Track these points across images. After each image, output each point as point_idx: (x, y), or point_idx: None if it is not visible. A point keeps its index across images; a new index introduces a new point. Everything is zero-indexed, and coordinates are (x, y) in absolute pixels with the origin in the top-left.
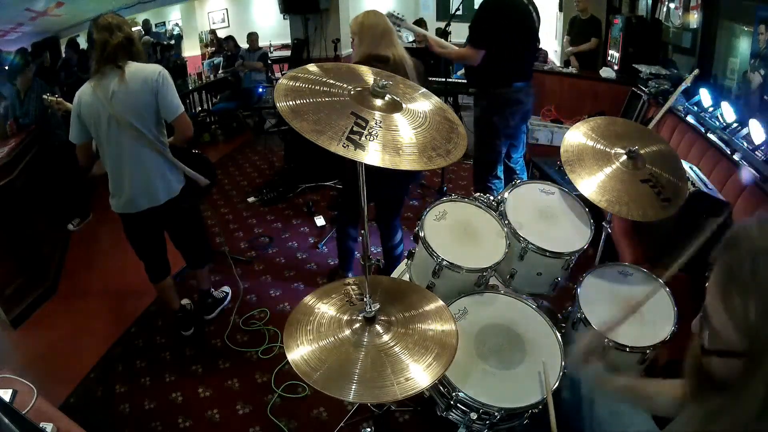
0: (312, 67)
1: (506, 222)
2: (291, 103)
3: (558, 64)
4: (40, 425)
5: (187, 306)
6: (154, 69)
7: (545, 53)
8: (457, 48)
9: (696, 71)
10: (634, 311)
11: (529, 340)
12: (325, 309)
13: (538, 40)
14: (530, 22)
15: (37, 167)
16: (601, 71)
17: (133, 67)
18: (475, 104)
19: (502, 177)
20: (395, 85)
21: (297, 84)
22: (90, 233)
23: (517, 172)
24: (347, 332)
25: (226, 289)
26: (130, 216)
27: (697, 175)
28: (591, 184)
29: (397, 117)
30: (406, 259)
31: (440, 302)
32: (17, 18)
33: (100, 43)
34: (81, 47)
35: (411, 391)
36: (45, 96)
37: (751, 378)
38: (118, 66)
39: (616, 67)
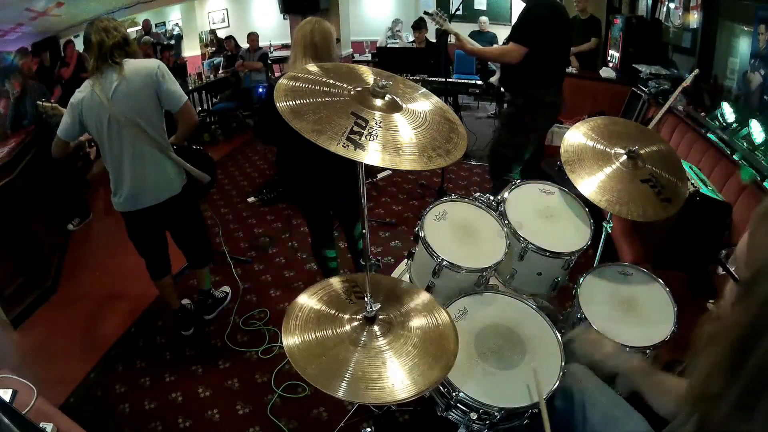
0: (312, 67)
1: (506, 222)
2: (291, 103)
3: None
4: (40, 425)
5: (187, 306)
6: (153, 63)
7: None
8: (495, 47)
9: (696, 71)
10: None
11: (529, 340)
12: (324, 306)
13: (570, 45)
14: (569, 28)
15: (37, 167)
16: (601, 71)
17: (132, 64)
18: (509, 103)
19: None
20: (395, 85)
21: (297, 84)
22: (90, 233)
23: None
24: (347, 330)
25: (226, 289)
26: (131, 214)
27: (697, 175)
28: (591, 184)
29: (397, 117)
30: (406, 259)
31: (440, 302)
32: (17, 18)
33: (97, 43)
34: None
35: (411, 391)
36: (39, 102)
37: (741, 301)
38: (116, 63)
39: (614, 66)
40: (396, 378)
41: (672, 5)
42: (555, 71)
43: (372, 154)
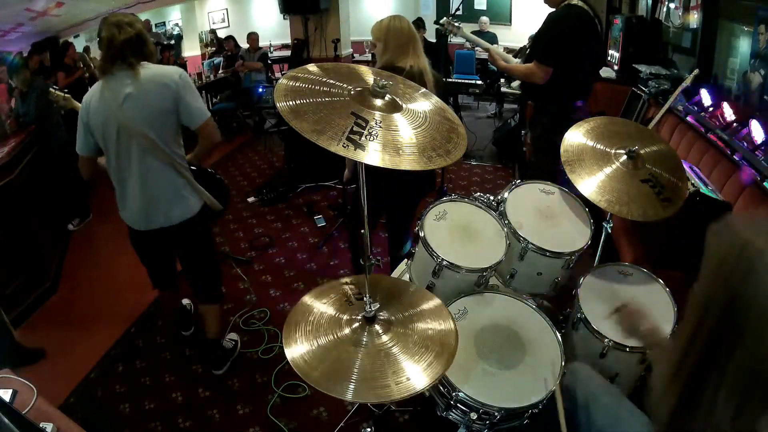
0: (312, 67)
1: (506, 222)
2: (291, 103)
3: None
4: (40, 425)
5: (187, 306)
6: (174, 71)
7: None
8: (522, 64)
9: (696, 71)
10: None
11: (529, 340)
12: (325, 308)
13: (602, 51)
14: (600, 38)
15: (37, 167)
16: (601, 71)
17: (151, 69)
18: (535, 121)
19: None
20: (395, 85)
21: (297, 84)
22: (90, 233)
23: None
24: (347, 332)
25: (234, 336)
26: (139, 231)
27: (697, 175)
28: (591, 184)
29: (397, 117)
30: (406, 259)
31: (440, 302)
32: (17, 18)
33: (107, 39)
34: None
35: (411, 391)
36: (52, 89)
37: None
38: (128, 64)
39: (616, 67)
40: (398, 376)
41: (672, 5)
42: (584, 84)
43: (372, 154)
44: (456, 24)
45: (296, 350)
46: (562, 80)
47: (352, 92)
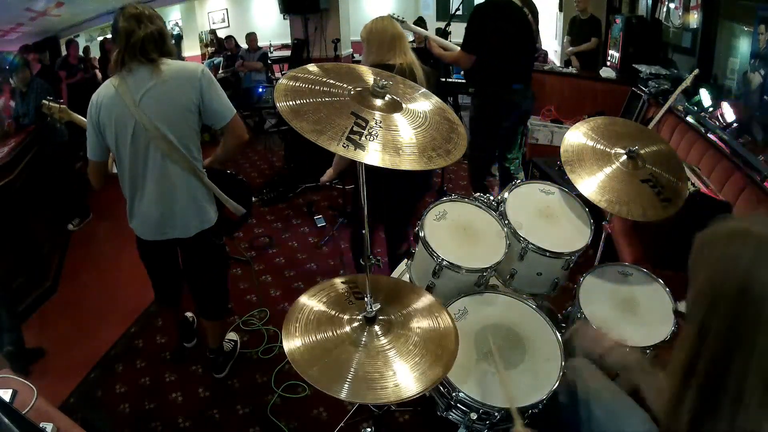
0: (312, 67)
1: (506, 222)
2: (291, 103)
3: (558, 64)
4: (40, 425)
5: (189, 318)
6: (197, 66)
7: (545, 53)
8: (453, 51)
9: (696, 71)
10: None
11: (529, 340)
12: (325, 307)
13: (534, 42)
14: (525, 25)
15: (37, 167)
16: (601, 71)
17: (173, 65)
18: (471, 103)
19: (497, 174)
20: (395, 85)
21: (297, 84)
22: (90, 233)
23: (512, 171)
24: (347, 330)
25: (234, 336)
26: (149, 241)
27: (697, 175)
28: (591, 184)
29: (397, 117)
30: (406, 259)
31: (440, 303)
32: (17, 18)
33: (125, 32)
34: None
35: (409, 393)
36: (45, 101)
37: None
38: (149, 59)
39: (614, 66)
40: (397, 377)
41: (672, 5)
42: (512, 70)
43: (372, 154)
44: (399, 18)
45: (295, 346)
46: (489, 65)
47: (352, 92)
